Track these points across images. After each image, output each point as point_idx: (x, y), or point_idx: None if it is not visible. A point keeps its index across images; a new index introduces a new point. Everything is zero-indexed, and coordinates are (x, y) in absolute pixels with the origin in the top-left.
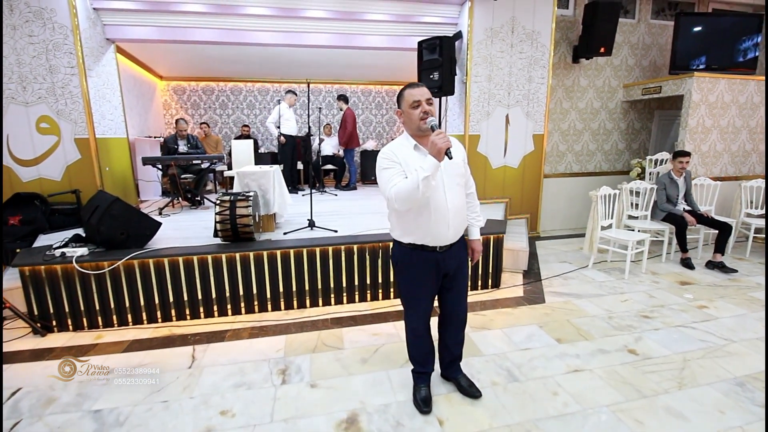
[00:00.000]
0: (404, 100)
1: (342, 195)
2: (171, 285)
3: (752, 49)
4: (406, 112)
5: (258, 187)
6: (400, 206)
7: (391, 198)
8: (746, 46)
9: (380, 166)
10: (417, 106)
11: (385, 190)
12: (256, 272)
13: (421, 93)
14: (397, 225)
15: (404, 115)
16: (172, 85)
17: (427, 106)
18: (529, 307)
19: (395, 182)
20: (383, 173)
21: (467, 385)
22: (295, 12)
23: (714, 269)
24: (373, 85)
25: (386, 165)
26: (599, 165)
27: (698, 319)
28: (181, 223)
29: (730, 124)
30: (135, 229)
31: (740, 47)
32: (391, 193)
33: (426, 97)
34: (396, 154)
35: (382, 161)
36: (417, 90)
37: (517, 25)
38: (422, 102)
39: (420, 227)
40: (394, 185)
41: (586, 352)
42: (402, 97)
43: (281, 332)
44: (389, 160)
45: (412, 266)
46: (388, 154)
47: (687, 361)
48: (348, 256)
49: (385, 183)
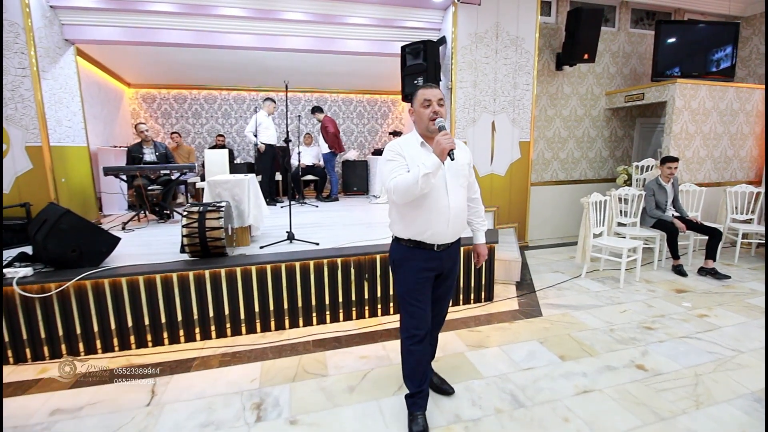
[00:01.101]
0: (416, 99)
1: (323, 206)
2: (130, 308)
3: (729, 58)
4: (417, 110)
5: (231, 197)
6: (398, 198)
7: (391, 189)
8: (724, 54)
9: (385, 157)
10: (428, 106)
11: (386, 181)
12: (229, 291)
13: (433, 94)
14: (397, 218)
15: (415, 113)
16: (141, 93)
17: (438, 107)
18: (526, 321)
19: (396, 174)
20: (387, 164)
21: (439, 383)
22: (272, 14)
23: (707, 276)
24: (354, 94)
25: (391, 157)
26: (584, 173)
27: (701, 329)
28: (146, 239)
29: (712, 130)
30: (89, 246)
31: (719, 55)
32: (391, 185)
33: (438, 98)
34: (403, 148)
35: (388, 153)
36: (430, 90)
37: (501, 31)
38: (433, 102)
39: (420, 221)
40: (394, 177)
41: (592, 369)
42: (415, 96)
43: (256, 358)
44: (395, 153)
45: (410, 264)
46: (395, 147)
47: (699, 376)
48: (331, 270)
49: (387, 174)
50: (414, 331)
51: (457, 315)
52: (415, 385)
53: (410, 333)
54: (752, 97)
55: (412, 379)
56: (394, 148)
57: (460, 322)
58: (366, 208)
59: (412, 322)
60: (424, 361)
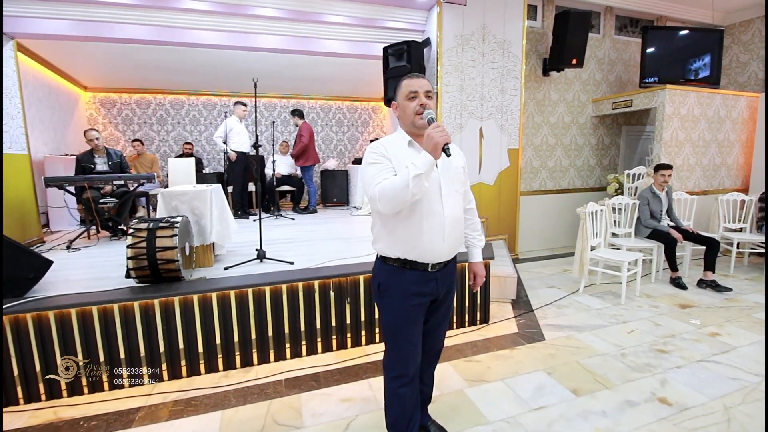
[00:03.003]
0: (400, 91)
1: (300, 219)
2: (59, 347)
3: (712, 65)
4: (402, 104)
5: (190, 210)
6: (385, 207)
7: (376, 196)
8: (708, 62)
9: (367, 160)
10: (413, 98)
11: (369, 187)
12: (184, 323)
13: (419, 84)
14: (382, 235)
15: (399, 108)
16: (99, 97)
17: (425, 99)
18: (529, 346)
19: (382, 178)
20: (369, 168)
21: None
22: (243, 9)
23: (707, 288)
24: (334, 101)
25: (373, 159)
26: (572, 181)
27: (717, 350)
28: (94, 260)
29: (700, 137)
30: (10, 271)
31: (704, 62)
32: (375, 191)
33: (425, 89)
34: (387, 149)
35: (370, 155)
36: (415, 80)
37: (488, 33)
38: (420, 93)
39: (410, 235)
40: (379, 182)
41: (611, 405)
42: (399, 88)
43: (216, 406)
44: (378, 155)
45: (400, 289)
46: (377, 148)
47: (728, 409)
48: (307, 295)
49: (371, 179)
50: (402, 370)
51: (452, 341)
52: None
53: (397, 373)
54: (738, 105)
55: (397, 427)
56: (376, 149)
57: (455, 350)
58: (346, 221)
59: (399, 359)
60: (412, 406)
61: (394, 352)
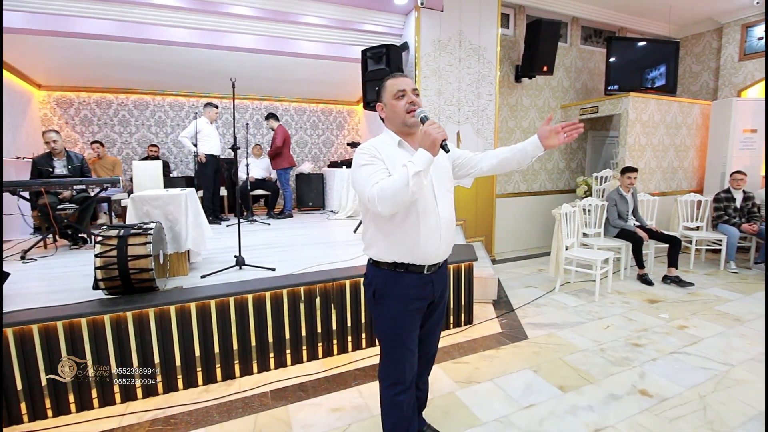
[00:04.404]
0: (386, 92)
1: (276, 224)
2: (20, 369)
3: (668, 74)
4: (389, 104)
5: (164, 216)
6: (383, 208)
7: (373, 197)
8: (664, 71)
9: (359, 162)
10: (402, 97)
11: (364, 188)
12: (160, 336)
13: (405, 82)
14: (376, 239)
15: (387, 108)
16: (55, 96)
17: (414, 97)
18: (513, 345)
19: (378, 179)
20: (362, 170)
21: None
22: (216, 6)
23: (671, 284)
24: (308, 104)
25: (367, 161)
26: (543, 184)
27: (686, 342)
28: (53, 271)
29: (660, 142)
30: None
31: (660, 71)
32: (372, 192)
33: (412, 87)
34: (379, 150)
35: (362, 156)
36: (401, 79)
37: (464, 39)
38: (408, 92)
39: (408, 238)
40: (376, 183)
41: (596, 400)
42: (383, 88)
43: (198, 423)
44: (370, 156)
45: (398, 294)
46: (369, 149)
47: (703, 398)
48: (292, 301)
49: (365, 180)
50: (399, 378)
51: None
52: None
53: (394, 380)
54: (692, 112)
55: None
56: (368, 150)
57: (443, 352)
58: (324, 225)
59: (397, 367)
60: (410, 414)
61: (392, 360)
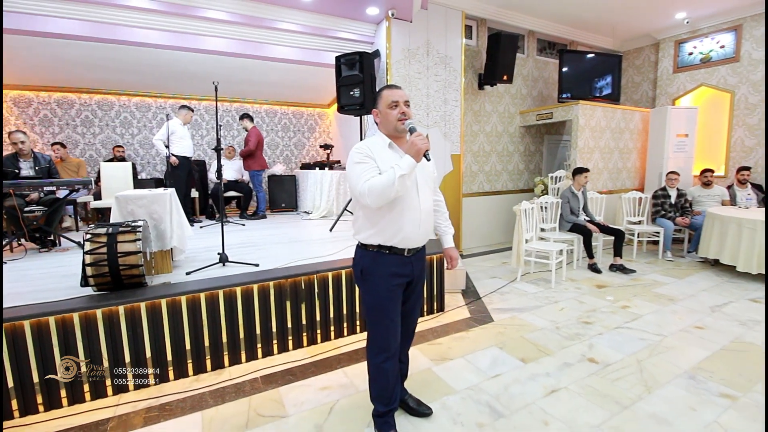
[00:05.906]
0: (382, 101)
1: (251, 225)
2: (12, 364)
3: (614, 83)
4: (384, 112)
5: (148, 215)
6: (373, 201)
7: (364, 192)
8: (611, 81)
9: (353, 159)
10: (395, 107)
11: (356, 183)
12: (152, 329)
13: (399, 95)
14: (365, 226)
15: (381, 115)
16: (12, 96)
17: (405, 108)
18: (481, 327)
19: (369, 176)
20: (356, 167)
21: (416, 405)
22: (189, 10)
23: (617, 271)
24: (279, 106)
25: (360, 159)
26: (505, 184)
27: (628, 318)
28: (25, 273)
29: (606, 145)
30: None
31: (607, 81)
32: (364, 188)
33: (404, 99)
34: (371, 150)
35: (356, 155)
36: (396, 91)
37: (431, 49)
38: (400, 103)
39: (392, 224)
40: (367, 180)
41: (552, 368)
42: (380, 97)
43: (194, 407)
44: (363, 155)
45: (381, 271)
46: (363, 149)
47: (640, 362)
48: (278, 294)
49: (357, 176)
50: (385, 346)
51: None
52: (385, 404)
53: (381, 349)
54: (634, 118)
55: (381, 399)
56: (362, 150)
57: (419, 336)
58: (299, 225)
59: (383, 337)
60: (394, 380)
61: (378, 330)
